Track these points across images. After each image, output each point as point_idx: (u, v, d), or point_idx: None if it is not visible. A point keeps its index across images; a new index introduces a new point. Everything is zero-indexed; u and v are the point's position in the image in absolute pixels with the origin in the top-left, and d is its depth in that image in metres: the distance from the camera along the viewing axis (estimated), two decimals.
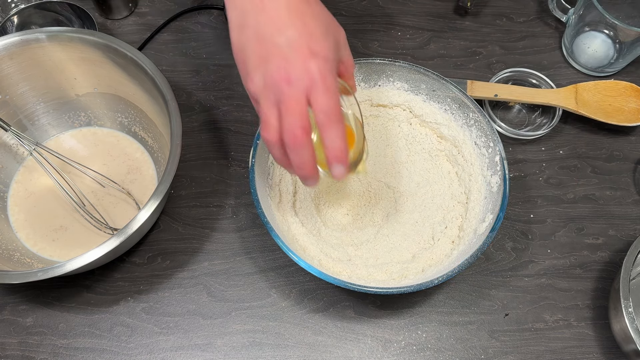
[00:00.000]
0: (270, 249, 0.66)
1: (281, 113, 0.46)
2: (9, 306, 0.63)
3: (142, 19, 0.80)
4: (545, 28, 0.82)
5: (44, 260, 0.64)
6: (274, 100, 0.46)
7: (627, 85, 0.74)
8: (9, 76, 0.64)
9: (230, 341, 0.62)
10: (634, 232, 0.69)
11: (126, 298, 0.64)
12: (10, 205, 0.67)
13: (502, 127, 0.72)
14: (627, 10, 0.76)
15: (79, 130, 0.71)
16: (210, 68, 0.77)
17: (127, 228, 0.54)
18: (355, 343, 0.63)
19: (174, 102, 0.60)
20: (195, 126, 0.73)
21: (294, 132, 0.45)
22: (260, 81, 0.47)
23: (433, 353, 0.63)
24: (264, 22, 0.46)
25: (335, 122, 0.46)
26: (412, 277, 0.61)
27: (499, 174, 0.61)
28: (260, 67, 0.46)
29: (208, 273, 0.65)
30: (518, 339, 0.64)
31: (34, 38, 0.62)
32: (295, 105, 0.45)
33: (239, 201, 0.69)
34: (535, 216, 0.70)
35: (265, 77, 0.46)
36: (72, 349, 0.62)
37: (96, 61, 0.64)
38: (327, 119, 0.45)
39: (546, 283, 0.66)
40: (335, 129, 0.46)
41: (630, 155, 0.74)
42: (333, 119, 0.45)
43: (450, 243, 0.63)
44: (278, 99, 0.45)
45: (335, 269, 0.60)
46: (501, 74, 0.75)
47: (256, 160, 0.59)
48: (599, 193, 0.71)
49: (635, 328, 0.57)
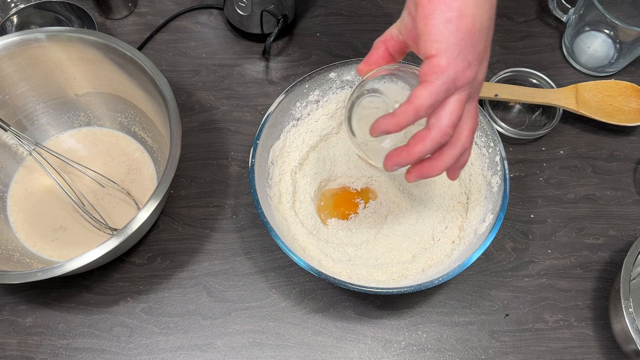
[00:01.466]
0: (270, 249, 0.66)
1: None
2: (8, 306, 0.63)
3: (141, 18, 0.80)
4: (546, 28, 0.82)
5: (44, 260, 0.64)
6: (468, 95, 0.46)
7: (627, 85, 0.74)
8: (9, 76, 0.64)
9: (230, 341, 0.62)
10: (635, 232, 0.69)
11: (126, 298, 0.64)
12: (10, 205, 0.67)
13: (503, 127, 0.72)
14: (628, 10, 0.76)
15: (79, 130, 0.71)
16: (210, 68, 0.77)
17: (126, 228, 0.54)
18: (355, 343, 0.63)
19: (173, 102, 0.60)
20: (195, 126, 0.73)
21: (467, 132, 0.47)
22: (472, 73, 0.45)
23: (433, 353, 0.62)
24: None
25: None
26: (412, 277, 0.60)
27: (499, 174, 0.61)
28: (479, 59, 0.45)
29: (208, 273, 0.65)
30: (518, 339, 0.63)
31: (33, 38, 0.62)
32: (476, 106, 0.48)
33: (238, 201, 0.69)
34: (535, 216, 0.70)
35: (477, 72, 0.45)
36: (71, 349, 0.62)
37: (96, 61, 0.64)
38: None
39: (546, 283, 0.66)
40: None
41: (631, 155, 0.74)
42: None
43: (450, 243, 0.63)
44: (470, 97, 0.46)
45: (335, 269, 0.60)
46: (501, 73, 0.75)
47: (256, 160, 0.59)
48: (599, 193, 0.71)
49: (635, 328, 0.57)
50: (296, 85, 0.63)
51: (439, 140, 0.45)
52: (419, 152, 0.45)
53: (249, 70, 0.77)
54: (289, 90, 0.63)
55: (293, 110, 0.65)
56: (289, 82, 0.75)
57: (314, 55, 0.78)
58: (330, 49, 0.79)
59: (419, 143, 0.45)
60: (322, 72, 0.64)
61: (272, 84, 0.76)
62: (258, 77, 0.76)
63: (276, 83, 0.76)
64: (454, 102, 0.44)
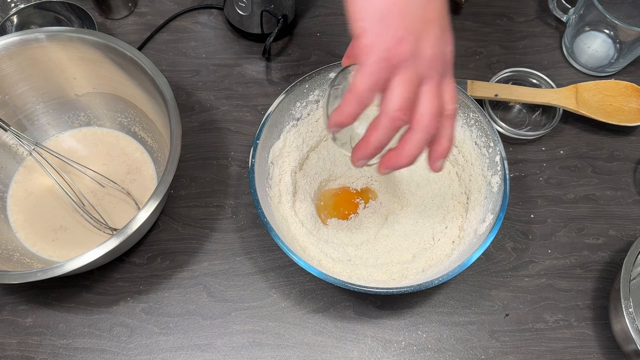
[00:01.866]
0: (270, 249, 0.66)
1: None
2: (8, 306, 0.63)
3: (141, 18, 0.80)
4: (546, 28, 0.82)
5: (44, 260, 0.64)
6: (417, 74, 0.43)
7: (627, 85, 0.74)
8: (9, 76, 0.64)
9: (230, 341, 0.62)
10: (635, 232, 0.69)
11: (126, 298, 0.64)
12: (10, 205, 0.67)
13: (503, 127, 0.72)
14: (628, 10, 0.76)
15: (79, 130, 0.71)
16: (210, 68, 0.77)
17: (126, 228, 0.54)
18: (355, 343, 0.63)
19: (173, 102, 0.60)
20: (194, 126, 0.73)
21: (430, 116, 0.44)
22: (409, 47, 0.42)
23: (433, 353, 0.62)
24: None
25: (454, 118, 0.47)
26: (412, 277, 0.60)
27: (499, 174, 0.61)
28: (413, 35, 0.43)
29: (208, 273, 0.65)
30: (518, 339, 0.63)
31: (33, 38, 0.62)
32: (440, 89, 0.45)
33: (238, 201, 0.69)
34: (535, 216, 0.70)
35: (414, 47, 0.43)
36: (71, 349, 0.62)
37: (96, 61, 0.64)
38: (452, 112, 0.46)
39: (546, 283, 0.66)
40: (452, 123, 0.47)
41: (631, 155, 0.74)
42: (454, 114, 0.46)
43: (450, 243, 0.63)
44: (421, 76, 0.43)
45: (335, 269, 0.60)
46: (501, 73, 0.75)
47: (256, 160, 0.59)
48: (599, 193, 0.71)
49: (635, 328, 0.57)
50: (296, 85, 0.63)
51: (389, 125, 0.42)
52: (375, 140, 0.43)
53: (249, 70, 0.77)
54: (289, 90, 0.63)
55: (293, 110, 0.65)
56: (289, 82, 0.75)
57: (314, 55, 0.78)
58: (330, 49, 0.79)
59: (372, 132, 0.43)
60: (322, 72, 0.64)
61: (272, 84, 0.76)
62: (258, 77, 0.76)
63: (276, 83, 0.76)
64: (398, 84, 0.42)
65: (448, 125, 0.45)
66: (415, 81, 0.42)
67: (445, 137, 0.46)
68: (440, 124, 0.45)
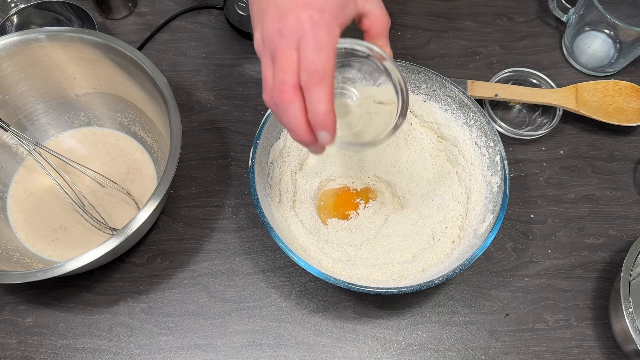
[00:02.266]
0: (270, 249, 0.66)
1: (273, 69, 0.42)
2: (8, 306, 0.63)
3: (141, 18, 0.80)
4: (546, 28, 0.82)
5: (44, 260, 0.64)
6: (270, 55, 0.42)
7: (627, 85, 0.74)
8: (9, 76, 0.64)
9: (230, 341, 0.62)
10: (635, 232, 0.69)
11: (126, 298, 0.64)
12: (10, 205, 0.67)
13: (503, 127, 0.72)
14: (628, 10, 0.76)
15: (79, 130, 0.71)
16: (210, 68, 0.77)
17: (126, 228, 0.54)
18: (355, 343, 0.63)
19: (173, 102, 0.60)
20: (194, 126, 0.73)
21: (279, 88, 0.41)
22: (259, 37, 0.44)
23: (433, 353, 0.62)
24: None
25: (318, 83, 0.40)
26: (412, 277, 0.60)
27: (499, 174, 0.61)
28: (260, 22, 0.43)
29: (208, 273, 0.65)
30: (518, 339, 0.63)
31: (33, 38, 0.62)
32: (283, 58, 0.41)
33: (239, 201, 0.69)
34: (535, 216, 0.70)
35: (262, 32, 0.43)
36: (71, 349, 0.62)
37: (96, 61, 0.64)
38: (309, 78, 0.40)
39: (546, 283, 0.66)
40: (317, 90, 0.40)
41: (631, 155, 0.74)
42: (315, 79, 0.40)
43: (450, 243, 0.63)
44: (272, 54, 0.42)
45: (335, 269, 0.60)
46: (501, 73, 0.75)
47: (256, 160, 0.59)
48: (599, 193, 0.71)
49: (635, 328, 0.57)
50: None
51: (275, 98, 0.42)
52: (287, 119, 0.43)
53: (249, 70, 0.77)
54: None
55: None
56: None
57: None
58: None
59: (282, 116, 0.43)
60: None
61: None
62: (258, 77, 0.76)
63: None
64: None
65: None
66: (270, 56, 0.43)
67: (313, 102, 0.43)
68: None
